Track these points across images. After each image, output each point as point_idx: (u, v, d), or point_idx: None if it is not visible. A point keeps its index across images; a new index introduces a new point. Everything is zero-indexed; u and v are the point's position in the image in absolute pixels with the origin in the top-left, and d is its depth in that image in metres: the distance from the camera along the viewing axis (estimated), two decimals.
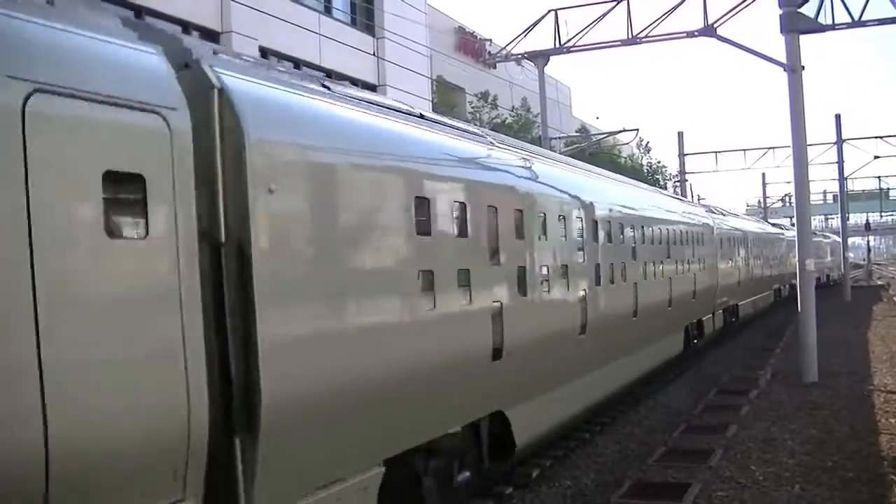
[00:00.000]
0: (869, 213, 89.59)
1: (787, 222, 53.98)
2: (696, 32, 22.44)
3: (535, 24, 26.95)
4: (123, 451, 4.74)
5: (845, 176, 50.76)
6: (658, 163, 71.42)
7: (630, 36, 24.61)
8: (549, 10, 26.38)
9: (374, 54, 27.38)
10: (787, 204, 73.70)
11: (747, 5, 21.79)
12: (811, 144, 30.63)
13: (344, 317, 6.68)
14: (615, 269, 13.90)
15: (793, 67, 18.26)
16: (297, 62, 24.28)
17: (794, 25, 18.26)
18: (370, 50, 27.16)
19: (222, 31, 23.00)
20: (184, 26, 21.12)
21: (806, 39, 18.86)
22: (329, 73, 24.33)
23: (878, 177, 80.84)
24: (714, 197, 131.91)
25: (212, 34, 22.29)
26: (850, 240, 61.42)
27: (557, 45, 26.35)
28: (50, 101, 4.47)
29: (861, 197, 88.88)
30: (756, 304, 32.78)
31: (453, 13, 64.15)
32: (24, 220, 4.29)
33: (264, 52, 22.60)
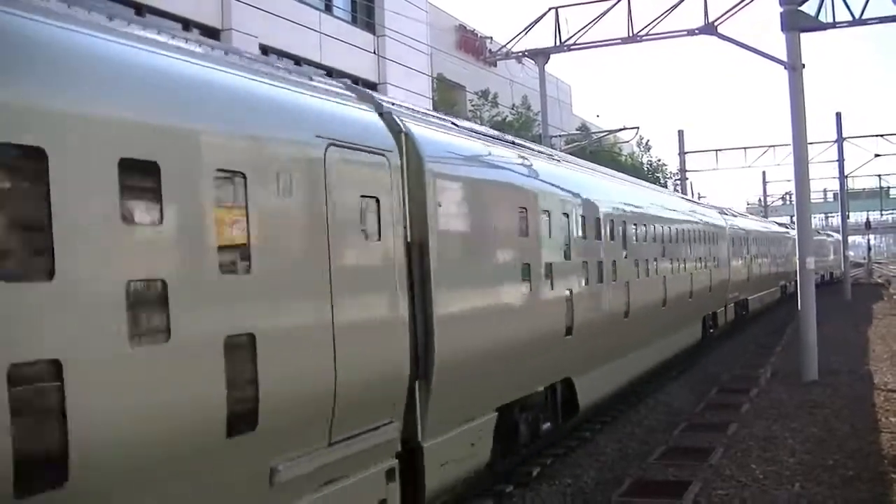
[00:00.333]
0: (869, 212, 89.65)
1: (788, 220, 54.03)
2: (696, 30, 22.44)
3: (536, 21, 26.93)
4: (373, 385, 7.08)
5: (846, 174, 50.76)
6: (658, 161, 71.49)
7: (630, 34, 24.58)
8: (550, 8, 26.36)
9: (374, 52, 27.38)
10: (788, 202, 73.70)
11: (748, 3, 21.83)
12: (812, 142, 30.57)
13: (481, 297, 9.20)
14: (650, 265, 16.38)
15: (793, 65, 18.27)
16: (298, 60, 24.21)
17: (795, 23, 18.27)
18: (371, 48, 27.15)
19: (223, 29, 22.97)
20: (184, 24, 21.06)
21: (806, 37, 18.89)
22: (329, 70, 24.31)
23: (879, 175, 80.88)
24: (714, 195, 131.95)
25: (212, 32, 22.25)
26: (850, 238, 61.35)
27: (558, 43, 26.32)
28: (335, 150, 6.79)
29: (861, 195, 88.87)
30: (763, 299, 34.39)
31: (454, 11, 64.18)
32: (325, 227, 6.55)
33: (265, 50, 22.52)
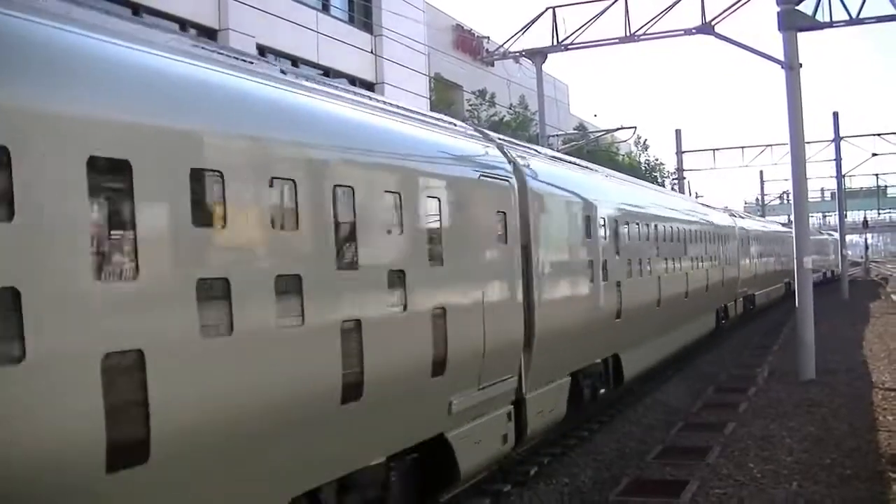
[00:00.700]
0: (867, 211, 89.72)
1: (785, 219, 54.06)
2: (693, 30, 22.44)
3: (533, 21, 26.87)
4: (503, 349, 9.75)
5: (843, 173, 50.82)
6: (656, 160, 71.53)
7: (628, 33, 24.54)
8: (547, 8, 26.30)
9: (371, 52, 27.35)
10: (785, 201, 73.77)
11: (745, 3, 21.80)
12: (809, 142, 30.72)
13: (562, 286, 12.19)
14: (675, 263, 19.33)
15: (790, 65, 18.28)
16: (295, 60, 24.18)
17: (792, 23, 18.27)
18: (368, 48, 27.12)
19: (220, 29, 22.93)
20: (182, 24, 21.03)
21: (804, 37, 18.89)
22: (327, 70, 24.28)
23: (876, 174, 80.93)
24: (712, 195, 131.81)
25: (209, 32, 22.22)
26: (848, 237, 61.42)
27: (555, 43, 26.27)
28: (484, 179, 9.78)
29: (859, 194, 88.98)
30: (769, 294, 36.88)
31: (451, 11, 64.19)
32: (482, 234, 9.51)
33: (262, 50, 22.47)
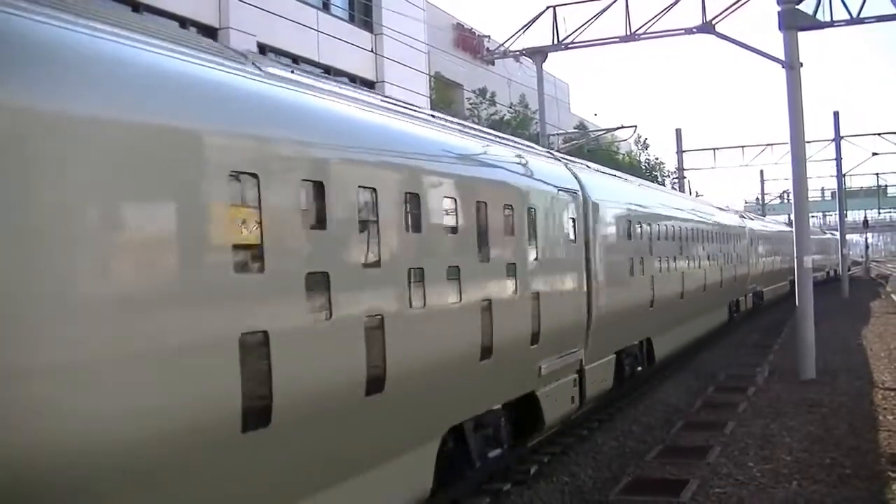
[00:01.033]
0: (867, 210, 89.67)
1: (785, 219, 54.05)
2: (694, 29, 22.41)
3: (534, 20, 26.84)
4: (569, 326, 12.00)
5: (843, 173, 50.78)
6: (656, 159, 71.52)
7: (628, 32, 24.51)
8: (548, 7, 26.25)
9: (372, 51, 27.34)
10: (786, 201, 73.71)
11: (746, 2, 21.74)
12: (809, 141, 30.63)
13: (612, 278, 14.40)
14: (697, 261, 21.88)
15: (791, 64, 18.27)
16: (296, 58, 24.17)
17: (793, 22, 18.26)
18: (368, 46, 27.12)
19: (220, 28, 22.94)
20: (182, 23, 21.03)
21: (804, 36, 18.88)
22: (327, 69, 24.29)
23: (877, 174, 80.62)
24: (712, 194, 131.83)
25: (210, 30, 22.22)
26: (848, 237, 61.44)
27: (556, 42, 26.24)
28: (561, 193, 12.17)
29: (859, 194, 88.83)
30: (776, 290, 39.09)
31: (451, 9, 64.18)
32: (563, 235, 12.14)
33: (262, 49, 22.48)
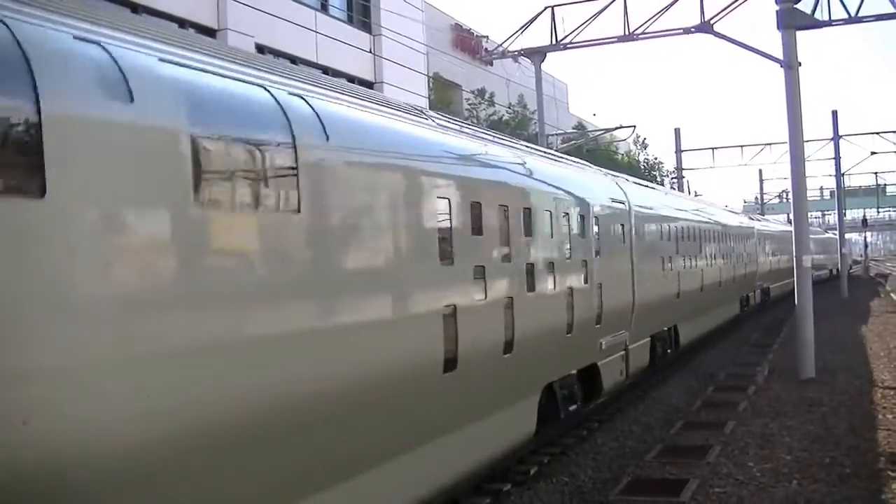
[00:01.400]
0: (866, 209, 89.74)
1: (784, 218, 54.12)
2: (692, 29, 22.40)
3: (532, 20, 26.84)
4: (620, 311, 14.41)
5: (842, 172, 50.81)
6: (655, 159, 71.54)
7: (626, 32, 24.52)
8: (546, 7, 26.25)
9: (370, 52, 27.33)
10: (785, 200, 73.80)
11: (744, 1, 21.75)
12: (808, 140, 30.68)
13: (649, 272, 16.48)
14: (714, 259, 24.28)
15: (789, 63, 18.27)
16: (294, 59, 24.16)
17: (791, 21, 18.26)
18: (367, 47, 27.11)
19: (218, 29, 22.93)
20: (180, 24, 21.02)
21: (802, 35, 18.88)
22: (326, 70, 24.28)
23: (875, 173, 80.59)
24: (711, 193, 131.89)
25: (208, 31, 22.21)
26: (847, 236, 61.48)
27: (554, 42, 26.24)
28: (615, 204, 15.20)
29: (858, 193, 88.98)
30: (783, 287, 40.06)
31: (450, 10, 64.19)
32: (621, 239, 15.38)
33: (261, 49, 22.47)
